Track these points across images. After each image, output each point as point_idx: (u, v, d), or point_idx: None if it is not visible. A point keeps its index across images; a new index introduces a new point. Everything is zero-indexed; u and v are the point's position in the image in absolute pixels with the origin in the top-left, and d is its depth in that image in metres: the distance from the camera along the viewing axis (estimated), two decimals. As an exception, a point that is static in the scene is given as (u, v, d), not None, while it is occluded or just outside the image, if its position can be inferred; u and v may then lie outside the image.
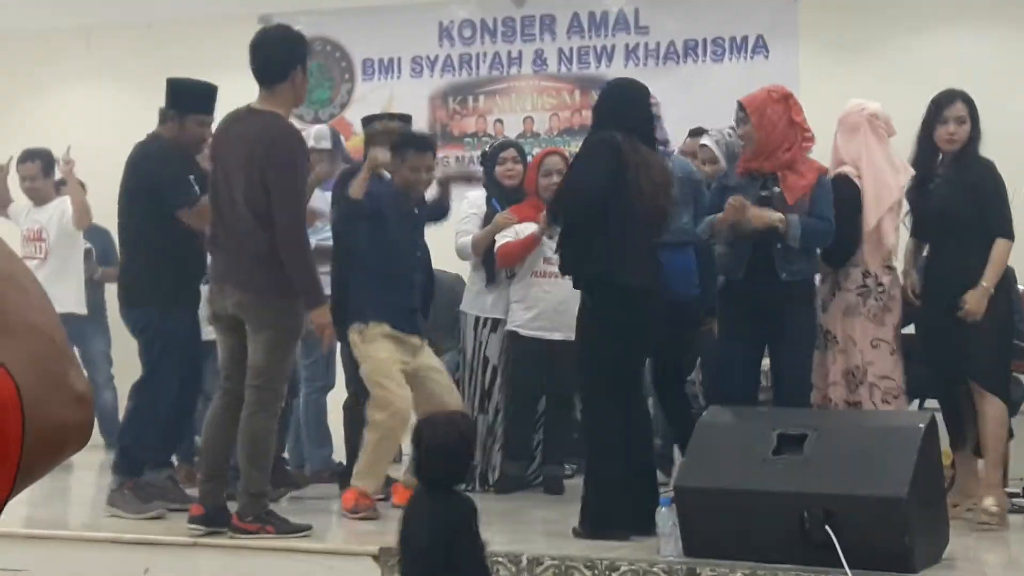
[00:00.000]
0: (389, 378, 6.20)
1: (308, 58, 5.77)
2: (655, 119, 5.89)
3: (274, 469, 6.24)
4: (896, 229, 6.18)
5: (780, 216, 5.66)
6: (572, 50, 9.49)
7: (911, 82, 8.05)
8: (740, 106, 5.89)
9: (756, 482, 4.92)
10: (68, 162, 8.34)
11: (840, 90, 7.73)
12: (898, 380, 6.09)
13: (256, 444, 5.50)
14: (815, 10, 9.01)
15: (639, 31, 9.33)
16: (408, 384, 6.24)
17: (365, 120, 7.36)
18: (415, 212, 6.57)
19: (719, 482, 5.01)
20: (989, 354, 5.82)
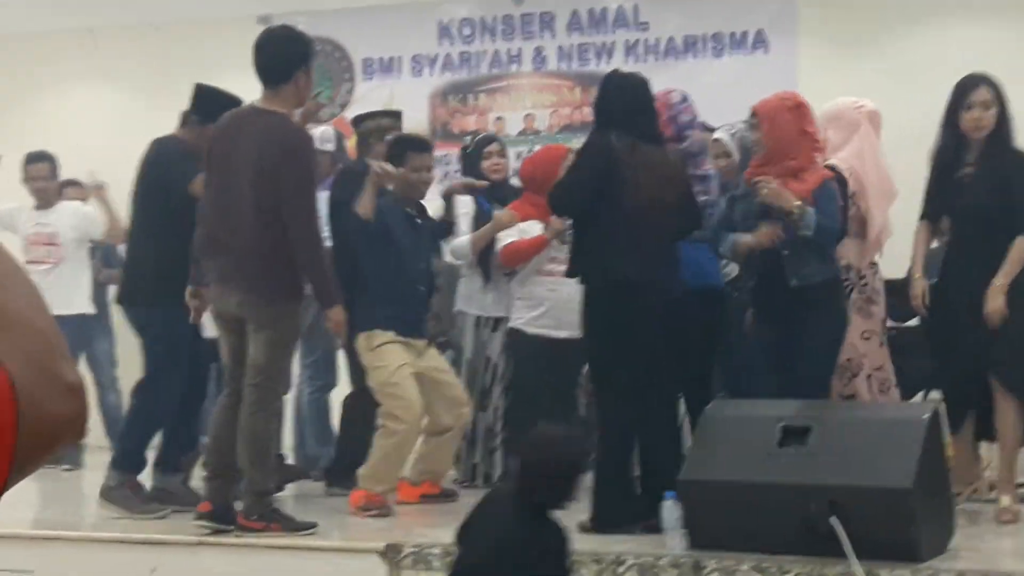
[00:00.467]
0: (401, 386, 6.22)
1: (312, 59, 5.78)
2: (683, 113, 5.94)
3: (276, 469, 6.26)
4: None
5: (798, 203, 5.57)
6: (572, 47, 9.50)
7: (911, 77, 8.09)
8: (752, 112, 5.86)
9: (761, 475, 4.93)
10: (100, 187, 8.42)
11: (840, 85, 7.74)
12: (888, 371, 6.13)
13: (257, 443, 5.50)
14: (815, 6, 9.01)
15: (639, 27, 9.34)
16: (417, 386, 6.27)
17: (356, 119, 7.37)
18: (419, 222, 6.56)
19: (724, 475, 5.02)
20: (1014, 353, 5.68)
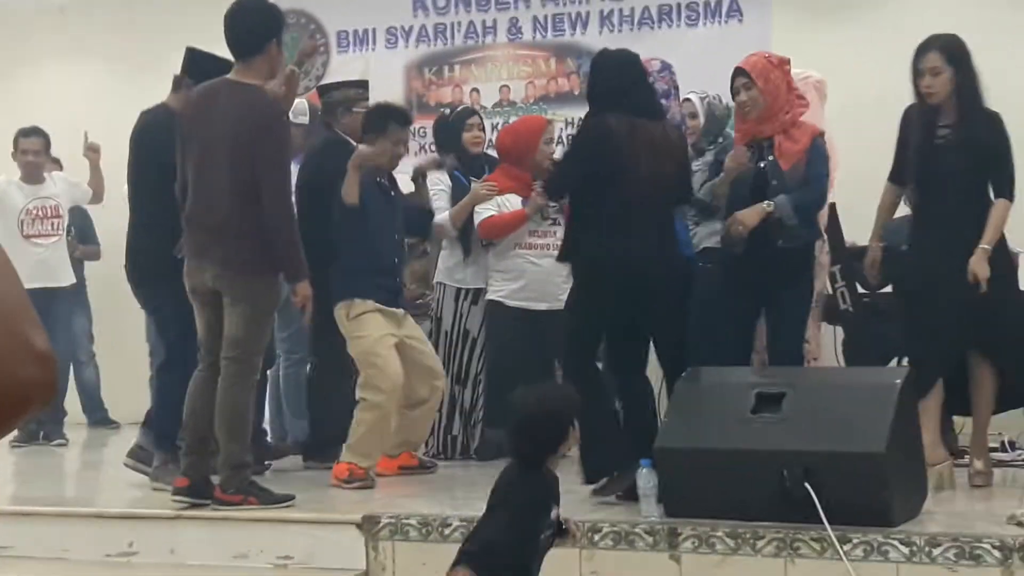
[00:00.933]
0: (382, 356, 6.22)
1: (283, 30, 5.76)
2: (659, 82, 5.95)
3: (254, 443, 6.26)
4: None
5: (764, 206, 5.68)
6: (547, 17, 9.47)
7: (885, 45, 8.08)
8: (742, 72, 5.84)
9: (736, 441, 4.96)
10: (95, 148, 8.42)
11: (814, 54, 7.75)
12: (814, 343, 6.20)
13: (234, 416, 5.50)
14: (789, -27, 9.01)
15: (613, -4, 9.33)
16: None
17: (322, 88, 7.34)
18: (392, 195, 6.56)
19: (699, 442, 5.05)
20: (1003, 324, 5.66)
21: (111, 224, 8.47)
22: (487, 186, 7.05)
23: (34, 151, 8.66)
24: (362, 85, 7.23)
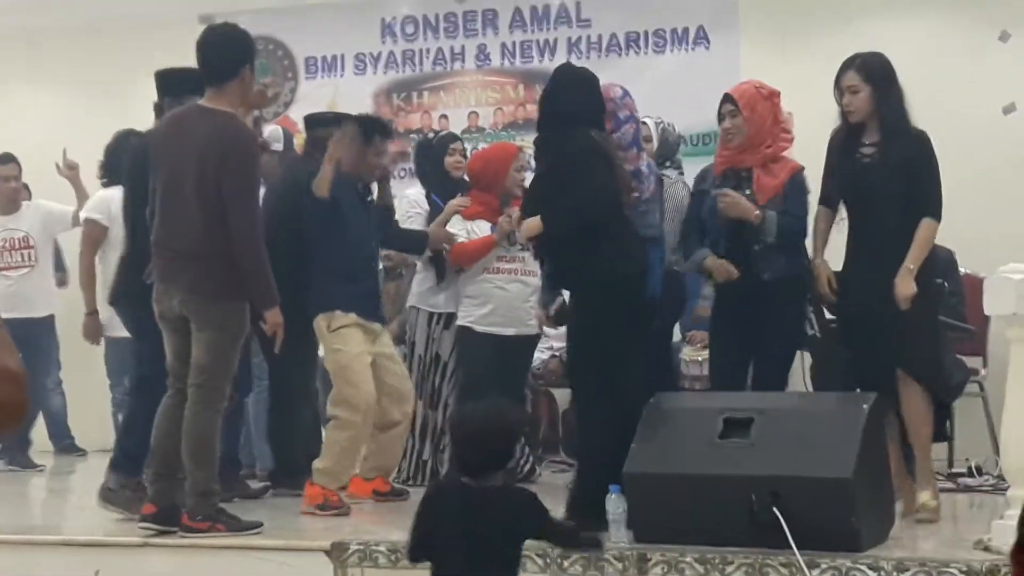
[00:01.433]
0: (359, 373, 6.21)
1: (255, 56, 5.76)
2: (622, 108, 5.88)
3: (229, 475, 6.23)
4: None
5: (756, 213, 5.69)
6: (515, 44, 9.50)
7: (851, 71, 8.12)
8: (730, 98, 5.85)
9: (704, 466, 4.97)
10: (72, 166, 8.32)
11: (782, 80, 7.73)
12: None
13: (201, 443, 5.48)
14: (755, 1, 9.06)
15: (581, 24, 9.35)
16: None
17: (308, 121, 7.27)
18: (368, 200, 6.56)
19: (667, 467, 5.05)
20: (920, 342, 5.61)
21: (76, 250, 8.43)
22: (459, 201, 7.05)
23: (14, 177, 8.60)
24: (346, 120, 7.16)
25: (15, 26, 10.15)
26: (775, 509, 4.68)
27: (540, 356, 7.69)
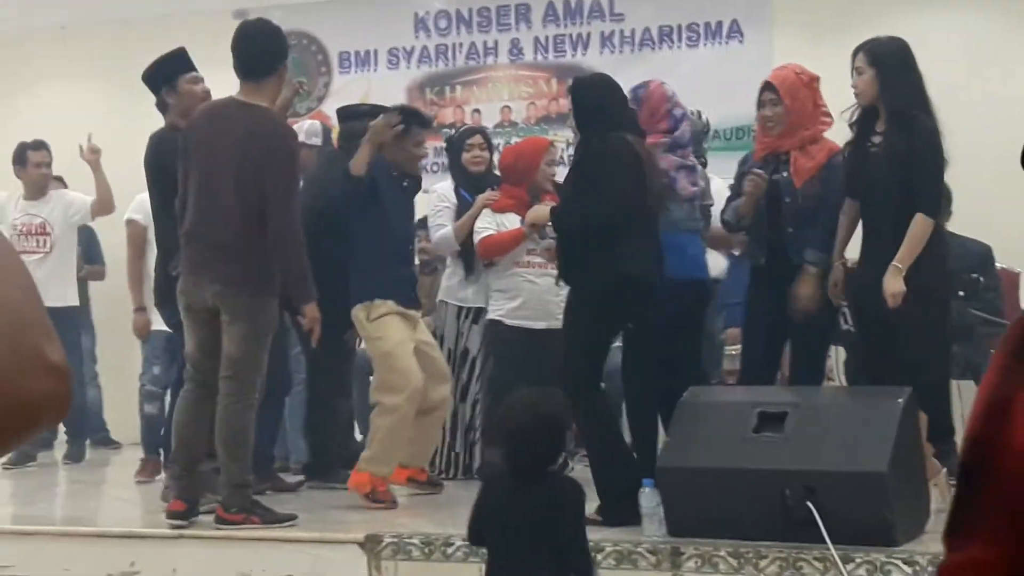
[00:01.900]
0: (403, 359, 6.20)
1: (289, 52, 5.80)
2: (677, 107, 5.95)
3: (262, 468, 6.26)
4: None
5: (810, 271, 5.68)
6: (548, 38, 9.50)
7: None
8: (771, 87, 5.82)
9: (738, 460, 4.96)
10: (95, 150, 8.33)
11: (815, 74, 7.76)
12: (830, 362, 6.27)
13: (234, 435, 5.51)
14: (789, -5, 9.04)
15: (614, 18, 9.34)
16: None
17: (342, 114, 7.29)
18: (405, 185, 6.57)
19: (701, 461, 5.04)
20: (919, 366, 5.36)
21: (116, 243, 8.47)
22: (488, 195, 7.06)
23: (45, 163, 8.64)
24: (382, 111, 7.17)
25: (50, 20, 10.21)
26: (809, 503, 4.67)
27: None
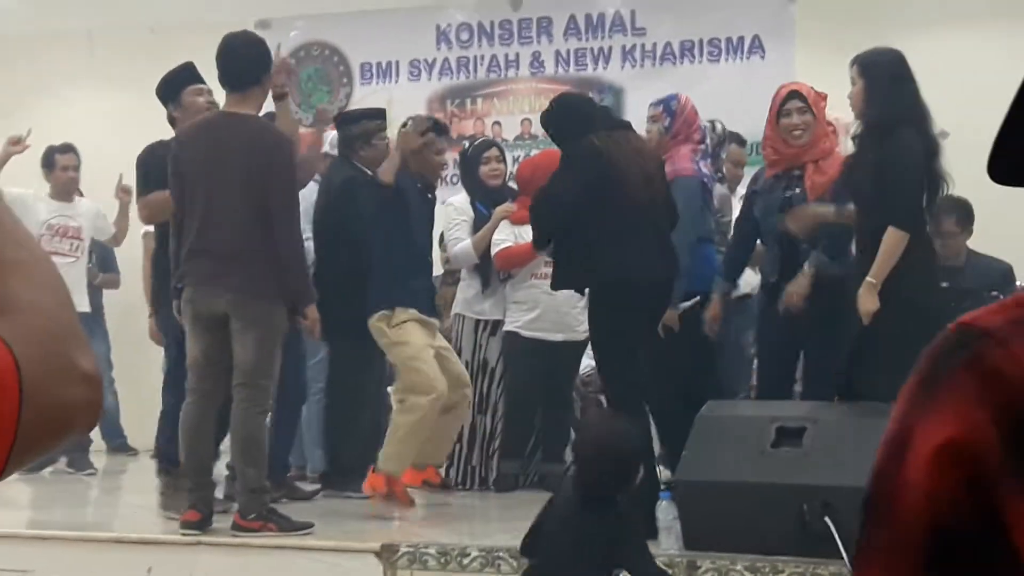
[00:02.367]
0: (426, 363, 6.21)
1: (273, 67, 5.88)
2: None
3: (277, 476, 6.28)
4: None
5: (807, 270, 5.66)
6: (569, 52, 9.51)
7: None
8: (797, 95, 5.86)
9: (755, 475, 4.95)
10: (127, 191, 8.40)
11: (836, 91, 7.74)
12: None
13: (250, 441, 5.55)
14: (811, 11, 9.02)
15: (636, 32, 9.36)
16: None
17: (340, 120, 7.30)
18: (429, 196, 6.59)
19: (718, 475, 5.04)
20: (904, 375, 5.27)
21: (129, 253, 8.51)
22: (506, 207, 7.07)
23: (73, 166, 8.68)
24: (379, 115, 7.17)
25: (76, 27, 10.26)
26: (827, 519, 4.66)
27: (588, 362, 7.67)
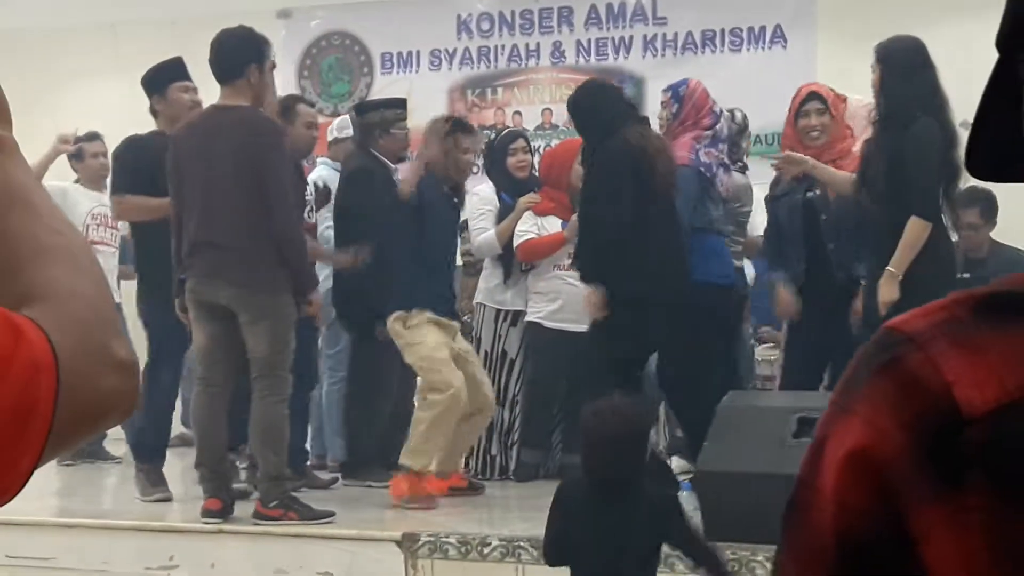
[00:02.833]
0: (443, 361, 6.22)
1: (265, 60, 5.90)
2: (716, 104, 6.15)
3: (295, 465, 6.31)
4: None
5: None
6: (590, 42, 9.51)
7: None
8: (817, 96, 5.86)
9: (777, 465, 4.92)
10: (67, 141, 8.42)
11: (858, 80, 7.72)
12: None
13: (270, 430, 5.58)
14: (833, 1, 9.00)
15: (657, 22, 9.35)
16: None
17: (359, 108, 7.32)
18: (455, 200, 6.59)
19: (740, 466, 5.03)
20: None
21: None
22: (529, 198, 7.07)
23: (101, 153, 8.68)
24: (400, 104, 7.18)
25: (100, 19, 10.30)
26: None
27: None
